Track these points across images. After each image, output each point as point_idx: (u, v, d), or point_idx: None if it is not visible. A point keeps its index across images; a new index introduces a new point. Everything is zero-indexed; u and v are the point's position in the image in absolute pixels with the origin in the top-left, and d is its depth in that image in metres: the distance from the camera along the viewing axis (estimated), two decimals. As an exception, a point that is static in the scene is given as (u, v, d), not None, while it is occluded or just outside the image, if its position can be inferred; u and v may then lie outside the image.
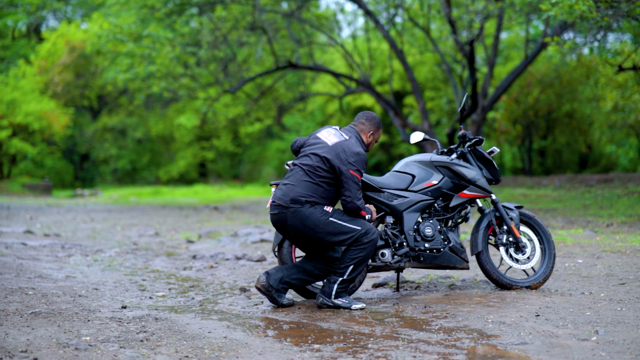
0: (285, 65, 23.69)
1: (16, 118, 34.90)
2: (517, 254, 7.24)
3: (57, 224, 16.23)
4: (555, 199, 19.22)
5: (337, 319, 6.13)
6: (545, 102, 28.87)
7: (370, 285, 7.91)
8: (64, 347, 4.97)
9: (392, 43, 23.02)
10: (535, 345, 5.13)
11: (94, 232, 14.64)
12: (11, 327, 5.48)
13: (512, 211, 7.32)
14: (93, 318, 5.95)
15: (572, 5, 12.19)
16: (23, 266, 8.91)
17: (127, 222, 17.19)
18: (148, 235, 14.00)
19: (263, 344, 5.26)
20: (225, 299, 7.10)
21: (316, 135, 6.75)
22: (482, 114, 22.27)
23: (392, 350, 5.08)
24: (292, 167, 6.70)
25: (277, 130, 42.28)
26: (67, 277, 8.36)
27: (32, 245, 11.23)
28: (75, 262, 9.82)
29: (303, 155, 6.68)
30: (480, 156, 7.42)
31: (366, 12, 22.96)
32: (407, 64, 23.14)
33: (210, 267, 9.47)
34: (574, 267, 8.58)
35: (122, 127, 46.57)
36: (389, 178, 7.14)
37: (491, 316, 6.05)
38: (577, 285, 7.45)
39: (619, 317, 5.89)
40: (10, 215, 18.68)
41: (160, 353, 4.97)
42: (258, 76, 25.18)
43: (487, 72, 22.61)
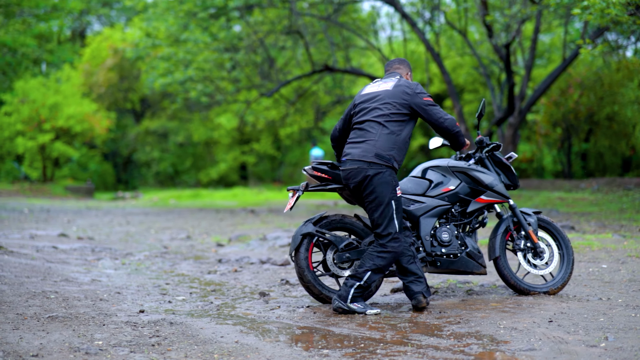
0: (321, 68, 23.74)
1: (58, 121, 35.32)
2: (535, 259, 7.22)
3: (93, 227, 16.42)
4: (592, 202, 19.05)
5: (350, 324, 6.16)
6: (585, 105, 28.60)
7: (389, 290, 7.94)
8: (75, 351, 5.06)
9: (429, 46, 22.98)
10: (543, 352, 5.13)
11: (128, 235, 14.79)
12: (27, 331, 5.57)
13: (530, 216, 7.31)
14: (109, 322, 6.03)
15: (604, 9, 12.10)
16: (51, 270, 9.04)
17: (162, 225, 17.34)
18: (180, 238, 14.12)
19: (273, 349, 5.31)
20: (244, 304, 7.16)
21: (364, 93, 6.83)
22: (520, 117, 22.16)
23: (399, 355, 5.11)
24: (359, 126, 6.71)
25: (317, 133, 42.33)
26: (92, 280, 8.47)
27: (62, 249, 11.38)
28: (103, 266, 9.95)
29: (367, 110, 6.71)
30: (498, 162, 7.42)
31: (403, 15, 22.95)
32: (443, 67, 23.08)
33: (234, 271, 9.54)
34: (598, 272, 8.53)
35: (164, 130, 46.94)
36: (406, 183, 7.16)
37: (504, 322, 6.05)
38: (597, 290, 7.41)
39: (632, 324, 5.87)
40: (49, 219, 18.91)
41: (169, 358, 5.03)
42: (295, 79, 25.27)
43: (525, 75, 22.47)
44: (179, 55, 22.78)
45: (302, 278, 6.83)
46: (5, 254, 9.95)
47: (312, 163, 7.04)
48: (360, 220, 7.07)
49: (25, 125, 35.51)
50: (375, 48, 24.98)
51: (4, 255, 9.81)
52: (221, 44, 23.34)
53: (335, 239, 6.90)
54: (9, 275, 8.21)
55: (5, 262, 9.18)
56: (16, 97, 35.70)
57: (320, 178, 6.96)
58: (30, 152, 36.69)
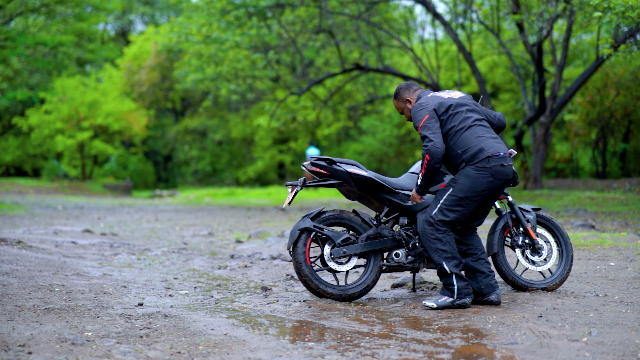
0: (352, 67, 23.78)
1: (97, 119, 35.72)
2: (533, 255, 7.23)
3: (120, 224, 16.61)
4: (622, 202, 18.88)
5: (342, 318, 6.22)
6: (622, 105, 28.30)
7: (389, 286, 7.98)
8: (63, 341, 5.15)
9: (461, 46, 22.93)
10: (524, 345, 5.17)
11: (152, 231, 14.94)
12: (20, 322, 5.69)
13: (529, 213, 7.31)
14: (103, 314, 6.13)
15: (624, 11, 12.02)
16: (65, 264, 9.18)
17: (189, 222, 17.49)
18: (201, 235, 14.24)
19: (260, 341, 5.37)
20: (243, 298, 7.24)
21: (454, 97, 6.79)
22: (551, 117, 22.01)
23: (381, 348, 5.16)
24: (480, 123, 6.70)
25: (354, 132, 42.35)
26: (103, 275, 8.59)
27: (81, 244, 11.54)
28: (118, 261, 10.08)
29: (472, 110, 6.76)
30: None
31: (434, 14, 22.91)
32: (475, 66, 23.01)
33: (244, 266, 9.63)
34: (604, 269, 8.51)
35: (203, 128, 47.25)
36: (405, 179, 7.20)
37: (494, 317, 6.08)
38: (598, 287, 7.41)
39: (620, 319, 5.88)
40: (80, 215, 19.16)
41: (154, 349, 5.11)
42: (326, 78, 25.32)
43: (557, 74, 22.31)
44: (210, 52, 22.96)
45: (299, 272, 6.90)
46: (24, 249, 10.13)
47: (309, 159, 7.10)
48: (358, 215, 7.11)
49: (65, 124, 35.96)
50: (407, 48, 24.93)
51: (22, 250, 9.98)
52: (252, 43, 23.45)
53: (333, 234, 6.95)
54: (22, 269, 8.35)
55: (22, 257, 9.33)
56: (55, 96, 36.15)
57: (319, 174, 7.02)
58: (70, 150, 37.15)
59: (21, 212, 19.59)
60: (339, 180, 7.00)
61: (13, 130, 42.89)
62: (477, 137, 6.54)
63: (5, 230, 13.23)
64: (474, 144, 6.51)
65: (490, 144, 6.53)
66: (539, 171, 21.98)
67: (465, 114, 6.60)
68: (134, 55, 44.27)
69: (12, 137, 42.64)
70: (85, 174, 38.46)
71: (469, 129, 6.55)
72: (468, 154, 6.50)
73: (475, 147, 6.49)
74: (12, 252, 9.61)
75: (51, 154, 41.36)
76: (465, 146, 6.51)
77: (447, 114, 6.59)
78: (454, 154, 6.59)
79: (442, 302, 6.52)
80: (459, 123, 6.56)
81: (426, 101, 6.66)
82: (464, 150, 6.51)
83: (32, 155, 43.01)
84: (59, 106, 35.92)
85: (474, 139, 6.52)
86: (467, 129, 6.55)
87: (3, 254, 9.37)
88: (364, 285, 6.99)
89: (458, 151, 6.54)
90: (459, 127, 6.55)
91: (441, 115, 6.60)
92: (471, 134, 6.54)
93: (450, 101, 6.64)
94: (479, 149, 6.48)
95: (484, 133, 6.58)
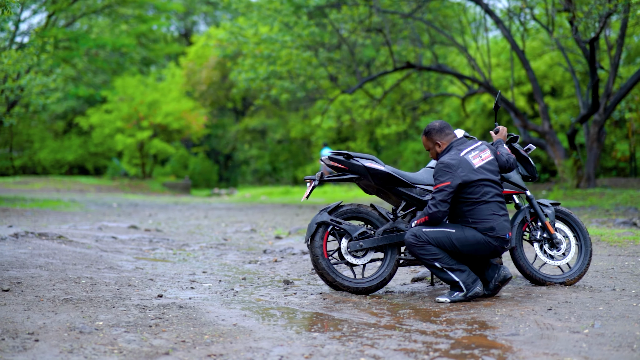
0: (403, 66, 23.75)
1: (156, 118, 36.17)
2: (551, 250, 7.22)
3: (169, 220, 16.83)
4: (676, 200, 18.58)
5: (353, 309, 6.29)
6: (682, 102, 27.84)
7: (409, 280, 8.02)
8: (71, 330, 5.29)
9: (514, 44, 22.78)
10: (524, 337, 5.20)
11: (197, 228, 15.12)
12: (36, 312, 5.85)
13: (548, 208, 7.30)
14: (119, 305, 6.27)
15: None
16: (101, 258, 9.37)
17: (237, 219, 17.65)
18: (243, 231, 14.37)
19: (267, 331, 5.46)
20: (263, 290, 7.34)
21: (477, 171, 6.81)
22: (605, 115, 21.73)
23: (383, 339, 5.22)
24: (494, 198, 6.77)
25: (412, 132, 42.22)
26: (135, 268, 8.76)
27: (121, 239, 11.75)
28: (154, 256, 10.25)
29: (490, 186, 6.85)
30: (516, 153, 7.43)
31: (487, 11, 22.79)
32: (528, 64, 22.85)
33: (274, 261, 9.73)
34: (632, 265, 8.45)
35: (263, 127, 47.54)
36: (422, 174, 7.24)
37: (503, 309, 6.11)
38: (619, 282, 7.37)
39: (628, 312, 5.88)
40: (133, 212, 19.46)
41: (160, 337, 5.22)
42: (377, 76, 25.33)
43: (611, 72, 22.01)
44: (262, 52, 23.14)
45: (316, 265, 6.98)
46: (63, 243, 10.37)
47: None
48: (375, 209, 7.17)
49: (125, 123, 36.48)
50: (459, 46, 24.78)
51: (62, 244, 10.22)
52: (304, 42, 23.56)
53: (350, 227, 7.02)
54: (56, 263, 8.56)
55: (60, 250, 9.56)
56: (116, 95, 36.71)
57: (337, 168, 7.10)
58: (129, 149, 37.67)
59: (76, 209, 19.95)
60: (357, 174, 7.07)
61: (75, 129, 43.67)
62: (492, 213, 6.66)
63: (52, 226, 13.51)
64: (487, 219, 6.64)
65: (502, 225, 6.66)
66: (592, 169, 21.72)
67: (485, 189, 6.69)
68: (195, 54, 44.72)
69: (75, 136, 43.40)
70: (145, 173, 38.97)
71: (485, 204, 6.67)
72: (478, 226, 6.63)
73: (487, 223, 6.63)
74: (51, 246, 9.85)
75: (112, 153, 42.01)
76: (478, 219, 6.65)
77: (470, 187, 6.68)
78: (464, 219, 6.71)
79: (455, 297, 6.56)
80: (479, 196, 6.67)
81: (457, 165, 6.69)
82: (475, 221, 6.65)
83: (93, 154, 43.71)
84: (119, 105, 36.46)
85: (488, 215, 6.65)
86: (484, 203, 6.67)
87: (42, 248, 9.61)
88: (380, 279, 7.05)
89: (469, 219, 6.67)
90: (477, 200, 6.67)
91: (464, 187, 6.68)
92: (487, 209, 6.66)
93: (476, 176, 6.68)
94: (489, 227, 6.62)
95: (498, 210, 6.69)
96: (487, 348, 4.95)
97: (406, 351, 4.91)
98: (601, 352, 4.80)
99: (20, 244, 9.84)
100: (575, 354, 4.76)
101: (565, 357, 4.71)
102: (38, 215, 16.44)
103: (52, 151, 42.48)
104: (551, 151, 22.79)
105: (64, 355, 4.69)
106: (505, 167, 6.93)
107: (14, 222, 14.21)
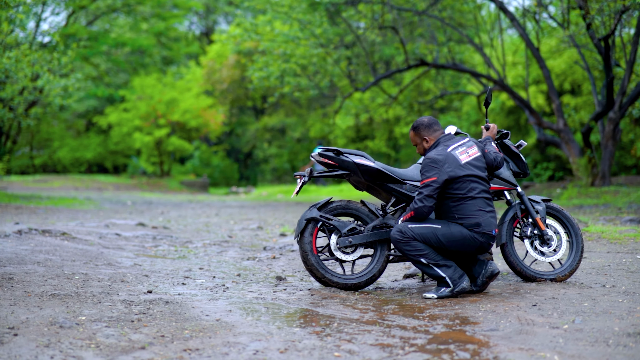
0: (416, 63, 23.69)
1: (173, 116, 36.28)
2: (542, 246, 7.21)
3: (179, 218, 16.87)
4: (689, 198, 18.45)
5: (338, 305, 6.30)
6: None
7: (402, 276, 8.02)
8: (52, 325, 5.31)
9: (528, 41, 22.66)
10: (503, 332, 5.21)
11: (205, 225, 15.15)
12: (22, 307, 5.88)
13: (539, 204, 7.29)
14: (106, 300, 6.30)
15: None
16: (102, 255, 9.42)
17: (247, 217, 17.67)
18: (250, 228, 14.38)
19: (248, 326, 5.47)
20: (254, 287, 7.36)
21: (463, 167, 6.82)
22: (620, 113, 21.58)
23: (362, 334, 5.23)
24: (480, 194, 6.76)
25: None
26: (133, 265, 8.80)
27: (125, 236, 11.79)
28: (155, 252, 10.29)
29: (476, 182, 6.84)
30: (507, 149, 7.41)
31: (500, 8, 22.70)
32: (542, 62, 22.74)
33: (272, 257, 9.75)
34: (629, 262, 8.41)
35: (282, 126, 47.57)
36: (413, 170, 7.24)
37: (488, 305, 6.11)
38: (612, 279, 7.35)
39: (612, 308, 5.88)
40: (145, 210, 19.53)
41: (140, 332, 5.24)
42: (391, 74, 25.28)
43: (627, 70, 21.86)
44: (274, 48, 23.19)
45: (305, 262, 6.99)
46: (66, 240, 10.43)
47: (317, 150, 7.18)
48: (365, 206, 7.18)
49: (143, 121, 36.62)
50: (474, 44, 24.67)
51: (64, 241, 10.28)
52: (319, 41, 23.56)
53: (339, 223, 7.02)
54: (55, 259, 8.61)
55: (62, 247, 9.62)
56: (134, 94, 36.87)
57: (327, 164, 7.10)
58: (147, 147, 37.79)
59: (90, 207, 20.03)
60: (347, 170, 7.07)
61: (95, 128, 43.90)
62: (478, 209, 6.65)
63: (60, 223, 13.58)
64: (474, 215, 6.64)
65: (488, 221, 6.65)
66: (607, 167, 21.57)
67: (471, 185, 6.68)
68: (216, 53, 44.81)
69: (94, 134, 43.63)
70: (163, 171, 39.10)
71: (472, 200, 6.67)
72: (464, 222, 6.64)
73: (472, 219, 6.63)
74: (53, 243, 9.91)
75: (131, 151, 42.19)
76: (464, 215, 6.65)
77: (456, 183, 6.67)
78: (450, 215, 6.72)
79: (442, 292, 6.56)
80: (466, 192, 6.67)
81: (444, 160, 6.70)
82: (461, 217, 6.65)
83: (112, 152, 43.91)
84: (138, 104, 36.62)
85: (475, 211, 6.65)
86: (470, 199, 6.67)
87: (44, 245, 9.68)
88: (370, 275, 7.05)
89: (455, 215, 6.68)
90: (464, 196, 6.67)
91: (451, 183, 6.68)
92: (473, 205, 6.66)
93: (463, 171, 6.68)
94: (475, 223, 6.62)
95: (484, 207, 6.69)
96: (464, 343, 4.95)
97: (382, 346, 4.92)
98: (576, 347, 4.79)
99: (23, 241, 9.91)
100: (550, 349, 4.75)
101: (539, 352, 4.70)
102: (50, 213, 16.53)
103: (72, 150, 42.73)
104: (566, 149, 22.66)
105: (39, 350, 4.71)
106: (492, 165, 6.92)
107: (24, 219, 14.29)
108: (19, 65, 19.66)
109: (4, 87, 21.80)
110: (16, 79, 20.47)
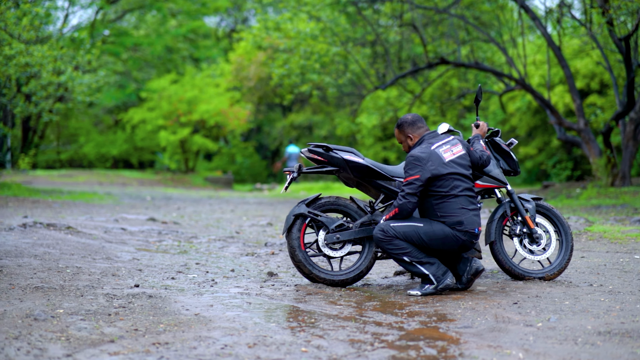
0: (437, 62, 23.59)
1: (193, 115, 36.38)
2: (531, 245, 7.18)
3: (193, 214, 16.88)
4: None
5: (320, 301, 6.31)
6: None
7: (392, 273, 7.99)
8: (27, 317, 5.35)
9: (550, 40, 22.51)
10: (476, 329, 5.22)
11: (217, 221, 15.15)
12: (3, 299, 5.93)
13: (529, 202, 7.25)
14: (89, 294, 6.32)
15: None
16: (103, 249, 9.46)
17: (261, 213, 17.65)
18: (259, 225, 14.36)
19: (225, 321, 5.48)
20: (243, 281, 7.36)
21: (447, 165, 6.82)
22: (642, 112, 21.37)
23: (336, 330, 5.24)
24: (463, 192, 6.75)
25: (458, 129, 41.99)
26: (131, 259, 8.82)
27: (130, 231, 11.82)
28: (157, 247, 10.30)
29: (460, 179, 6.83)
30: (497, 147, 7.37)
31: (522, 6, 22.56)
32: (564, 61, 22.58)
33: (271, 253, 9.73)
34: (625, 262, 8.35)
35: (309, 124, 47.60)
36: (402, 168, 7.21)
37: (469, 303, 6.10)
38: (603, 278, 7.32)
39: (591, 307, 5.88)
40: (163, 206, 19.58)
41: (114, 326, 5.26)
42: (410, 73, 25.19)
43: (647, 68, 21.66)
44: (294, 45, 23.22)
45: (293, 257, 6.99)
46: (70, 234, 10.48)
47: (308, 145, 7.18)
48: (354, 202, 7.17)
49: (166, 120, 36.75)
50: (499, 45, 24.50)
51: (68, 235, 10.34)
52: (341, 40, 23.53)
53: (327, 220, 7.02)
54: (54, 252, 8.66)
55: (63, 241, 9.67)
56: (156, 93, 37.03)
57: (316, 160, 7.10)
58: (172, 145, 37.92)
59: (109, 202, 20.12)
60: (336, 167, 7.06)
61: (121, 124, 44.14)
62: (460, 207, 6.64)
63: (70, 217, 13.63)
64: (456, 214, 6.63)
65: (470, 219, 6.64)
66: (627, 168, 21.38)
67: (454, 182, 6.67)
68: (244, 50, 44.90)
69: (120, 131, 43.84)
70: (188, 167, 39.21)
71: (455, 198, 6.66)
72: (447, 220, 6.63)
73: (455, 217, 6.62)
74: (56, 237, 9.97)
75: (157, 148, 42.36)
76: (446, 213, 6.64)
77: (439, 181, 6.66)
78: (433, 213, 6.71)
79: (426, 290, 6.54)
80: (448, 190, 6.66)
81: (427, 158, 6.69)
82: (444, 215, 6.64)
83: (138, 149, 44.09)
84: (160, 103, 36.76)
85: (457, 209, 6.64)
86: (453, 197, 6.66)
87: (47, 238, 9.74)
88: (357, 271, 7.04)
89: (438, 213, 6.67)
90: (447, 194, 6.66)
91: (434, 180, 6.66)
92: (456, 203, 6.65)
93: (446, 169, 6.67)
94: (458, 221, 6.61)
95: (467, 205, 6.68)
96: (434, 340, 4.95)
97: (352, 342, 4.92)
98: (544, 345, 4.78)
99: (26, 234, 9.98)
100: (518, 347, 4.74)
101: (506, 349, 4.69)
102: (65, 207, 16.61)
103: (97, 145, 42.94)
104: (586, 149, 22.50)
105: (7, 341, 4.74)
106: (478, 163, 6.89)
107: (37, 213, 14.37)
108: (44, 61, 19.78)
109: (28, 82, 21.99)
110: (40, 74, 20.63)
